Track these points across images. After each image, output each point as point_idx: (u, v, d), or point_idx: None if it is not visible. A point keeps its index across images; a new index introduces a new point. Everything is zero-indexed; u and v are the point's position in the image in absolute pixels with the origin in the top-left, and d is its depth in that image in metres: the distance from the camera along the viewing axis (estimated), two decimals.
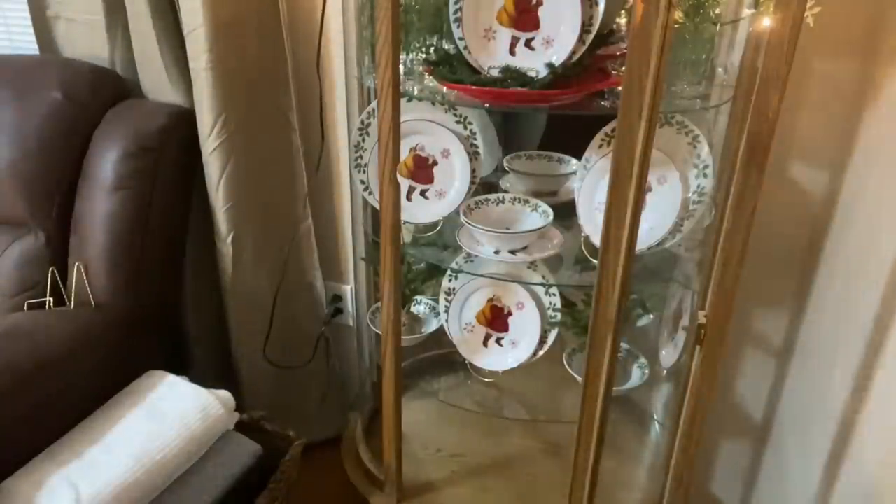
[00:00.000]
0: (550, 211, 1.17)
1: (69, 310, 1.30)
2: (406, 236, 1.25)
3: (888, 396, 1.05)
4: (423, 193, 1.21)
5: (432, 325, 1.42)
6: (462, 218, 1.16)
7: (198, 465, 1.14)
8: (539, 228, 1.15)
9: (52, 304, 1.30)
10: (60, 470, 1.05)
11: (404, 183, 1.18)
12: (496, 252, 1.15)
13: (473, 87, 1.01)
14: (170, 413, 1.15)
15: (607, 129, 1.08)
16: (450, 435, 1.40)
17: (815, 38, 0.97)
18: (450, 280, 1.30)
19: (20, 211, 1.36)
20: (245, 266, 1.45)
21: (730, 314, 1.00)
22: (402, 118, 1.02)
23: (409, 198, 1.20)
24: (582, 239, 1.15)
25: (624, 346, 1.34)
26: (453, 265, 1.25)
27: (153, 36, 1.33)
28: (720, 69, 1.11)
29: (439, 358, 1.52)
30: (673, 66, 0.97)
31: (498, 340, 1.28)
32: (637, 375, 1.34)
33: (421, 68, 1.13)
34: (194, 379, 1.26)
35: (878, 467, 1.07)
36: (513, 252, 1.15)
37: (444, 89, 1.09)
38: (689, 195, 1.06)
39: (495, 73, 1.01)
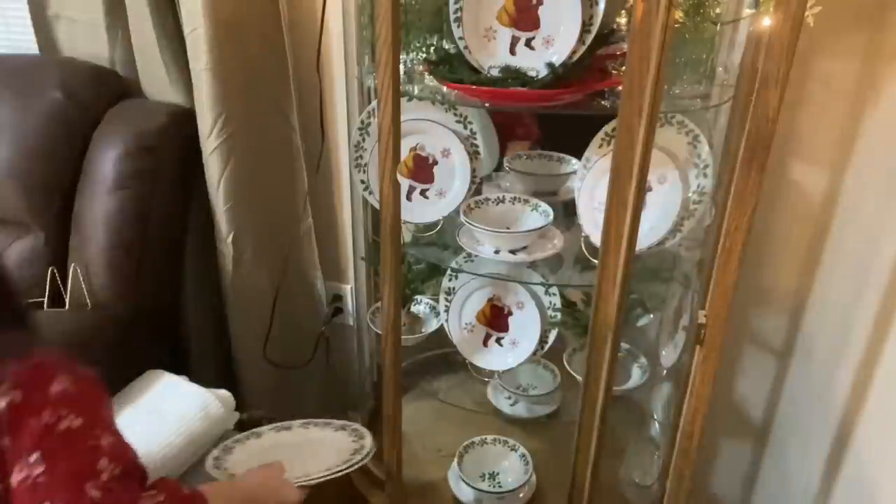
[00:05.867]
0: (550, 211, 1.17)
1: (69, 310, 1.30)
2: (406, 236, 1.25)
3: (888, 396, 1.05)
4: (423, 193, 1.20)
5: (432, 325, 1.42)
6: (462, 217, 1.16)
7: (198, 464, 1.14)
8: (539, 228, 1.15)
9: (51, 304, 1.30)
10: None
11: (404, 183, 1.18)
12: (496, 252, 1.15)
13: (473, 87, 1.01)
14: (170, 413, 1.15)
15: (607, 128, 1.08)
16: (450, 435, 1.40)
17: (815, 38, 0.97)
18: (450, 280, 1.30)
19: (20, 211, 1.36)
20: (245, 266, 1.45)
21: (729, 314, 0.99)
22: (402, 118, 1.02)
23: (409, 198, 1.20)
24: (582, 239, 1.15)
25: (624, 345, 1.34)
26: (453, 265, 1.25)
27: (153, 36, 1.33)
28: (720, 69, 1.10)
29: (439, 358, 1.52)
30: (673, 66, 0.97)
31: (498, 340, 1.28)
32: (637, 375, 1.33)
33: (421, 68, 1.13)
34: (194, 379, 1.26)
35: (878, 467, 1.07)
36: (513, 252, 1.15)
37: (445, 89, 1.09)
38: (689, 195, 1.06)
39: (495, 72, 1.01)
